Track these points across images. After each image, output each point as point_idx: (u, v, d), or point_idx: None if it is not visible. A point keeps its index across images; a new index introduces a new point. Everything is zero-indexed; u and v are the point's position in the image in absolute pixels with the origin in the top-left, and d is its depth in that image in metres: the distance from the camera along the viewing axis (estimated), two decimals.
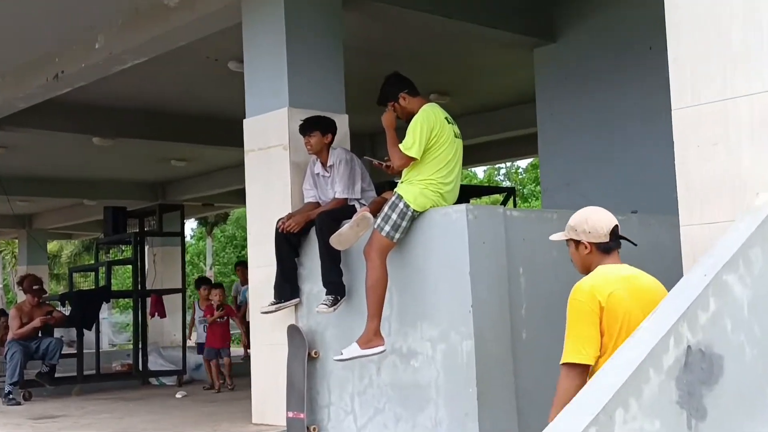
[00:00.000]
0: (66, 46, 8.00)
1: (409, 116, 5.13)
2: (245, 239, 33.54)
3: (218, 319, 9.46)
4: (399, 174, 5.19)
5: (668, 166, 3.80)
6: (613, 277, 3.23)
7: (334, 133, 5.80)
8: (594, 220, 3.35)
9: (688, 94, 3.57)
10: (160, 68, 8.89)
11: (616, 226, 3.38)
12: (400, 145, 4.92)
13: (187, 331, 11.04)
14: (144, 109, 10.88)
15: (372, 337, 4.87)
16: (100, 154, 12.63)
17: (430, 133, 4.92)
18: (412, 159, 4.89)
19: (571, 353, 3.05)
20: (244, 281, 11.45)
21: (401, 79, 5.24)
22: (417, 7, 6.93)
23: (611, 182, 7.52)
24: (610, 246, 3.35)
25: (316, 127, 5.71)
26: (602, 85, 7.69)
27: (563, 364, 3.06)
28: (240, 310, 11.02)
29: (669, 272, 3.49)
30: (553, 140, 8.06)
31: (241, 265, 12.16)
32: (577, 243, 3.37)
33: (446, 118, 5.09)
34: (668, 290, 3.15)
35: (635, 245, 3.50)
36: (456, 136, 5.10)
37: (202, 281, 10.88)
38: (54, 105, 9.60)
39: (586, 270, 3.38)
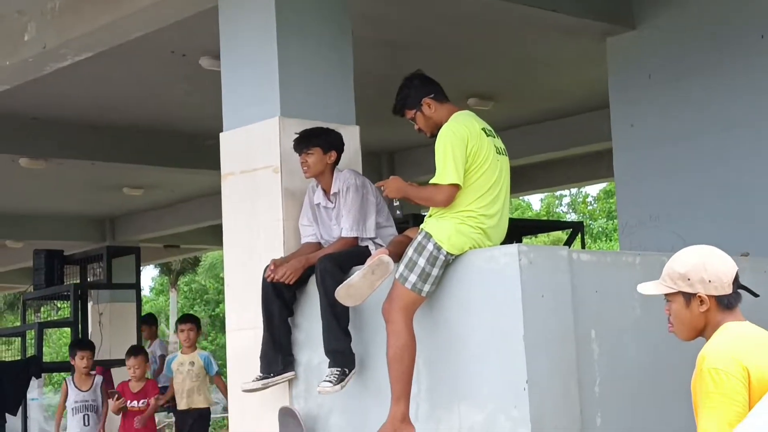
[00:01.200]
0: None
1: (434, 129, 5.16)
2: (221, 293, 33.64)
3: (137, 404, 9.04)
4: (425, 205, 5.22)
5: None
6: (752, 340, 3.23)
7: (339, 151, 5.83)
8: (716, 266, 3.34)
9: None
10: (109, 67, 9.00)
11: (737, 272, 3.38)
12: (433, 179, 4.95)
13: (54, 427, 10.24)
14: (88, 122, 11.00)
15: (399, 425, 4.85)
16: (28, 179, 12.75)
17: (465, 149, 4.95)
18: (457, 187, 4.92)
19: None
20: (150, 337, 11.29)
21: (425, 80, 5.28)
22: None
23: (713, 215, 7.50)
24: (734, 300, 3.35)
25: (316, 142, 5.76)
26: (697, 85, 7.70)
27: None
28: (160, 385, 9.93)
29: None
30: (634, 159, 8.06)
31: (147, 323, 11.65)
32: (689, 297, 3.35)
33: (484, 129, 5.11)
34: None
35: (757, 296, 3.49)
36: (499, 152, 5.13)
37: (78, 345, 9.99)
38: None
39: (695, 334, 3.37)
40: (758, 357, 3.14)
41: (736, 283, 3.36)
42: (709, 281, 3.32)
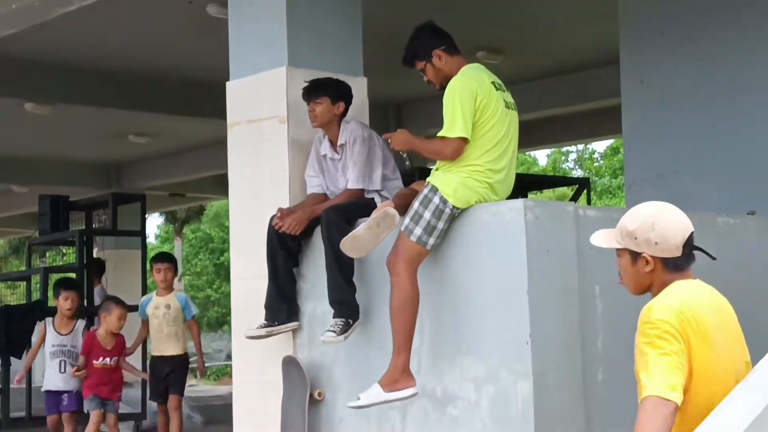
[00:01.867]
0: None
1: (444, 81, 5.15)
2: (226, 242, 33.73)
3: (109, 361, 8.48)
4: (432, 159, 5.21)
5: None
6: (698, 296, 3.23)
7: (348, 102, 5.83)
8: (663, 227, 3.27)
9: None
10: (115, 13, 8.95)
11: (692, 233, 3.32)
12: (441, 132, 4.94)
13: (22, 370, 9.48)
14: (94, 67, 10.96)
15: (399, 376, 4.89)
16: (34, 125, 12.74)
17: (474, 102, 4.94)
18: (464, 140, 4.91)
19: (659, 386, 3.00)
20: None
21: (437, 31, 5.26)
22: None
23: (720, 174, 7.48)
24: (683, 263, 3.29)
25: (325, 92, 5.75)
26: (713, 42, 7.63)
27: (647, 398, 3.03)
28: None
29: None
30: (643, 116, 8.02)
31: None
32: (636, 256, 3.30)
33: (494, 82, 5.10)
34: None
35: (714, 259, 3.45)
36: (508, 107, 5.12)
37: (64, 284, 9.23)
38: None
39: (641, 290, 3.35)
40: (703, 313, 3.14)
41: (689, 245, 3.29)
42: (656, 243, 3.25)
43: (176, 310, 8.36)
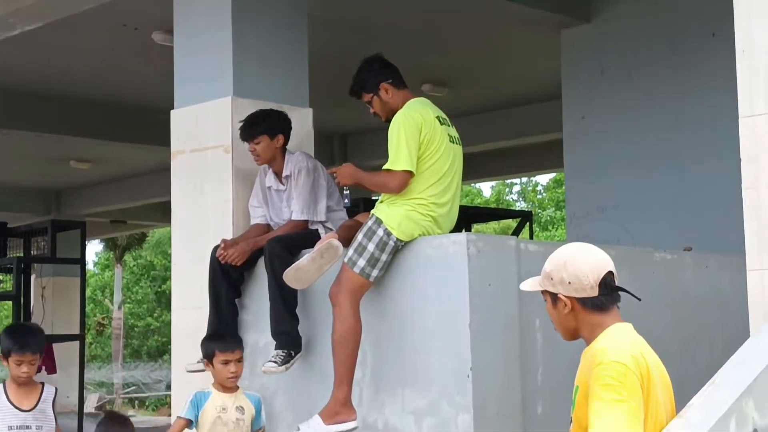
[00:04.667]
0: None
1: (390, 114, 5.19)
2: (167, 269, 33.39)
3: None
4: (376, 190, 5.24)
5: (734, 191, 3.87)
6: (642, 343, 3.13)
7: (286, 134, 5.81)
8: (575, 266, 3.19)
9: (762, 99, 3.65)
10: (59, 38, 8.91)
11: (610, 273, 3.22)
12: (386, 165, 4.97)
13: None
14: (36, 92, 10.88)
15: (340, 408, 4.88)
16: None
17: (418, 136, 4.98)
18: (409, 173, 4.95)
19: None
20: None
21: (385, 65, 5.30)
22: None
23: (658, 209, 7.60)
24: (602, 303, 3.18)
25: (261, 130, 5.73)
26: (649, 80, 7.79)
27: None
28: None
29: (728, 328, 3.55)
30: (583, 150, 8.14)
31: None
32: (555, 297, 3.24)
33: (438, 117, 5.15)
34: (731, 353, 3.19)
35: (639, 300, 3.38)
36: (452, 141, 5.17)
37: (14, 341, 4.93)
38: None
39: (571, 335, 3.26)
40: (650, 360, 3.05)
41: (607, 285, 3.19)
42: (569, 282, 3.18)
43: (250, 416, 5.38)
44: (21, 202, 16.34)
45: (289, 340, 5.34)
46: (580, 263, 3.18)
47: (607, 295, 3.17)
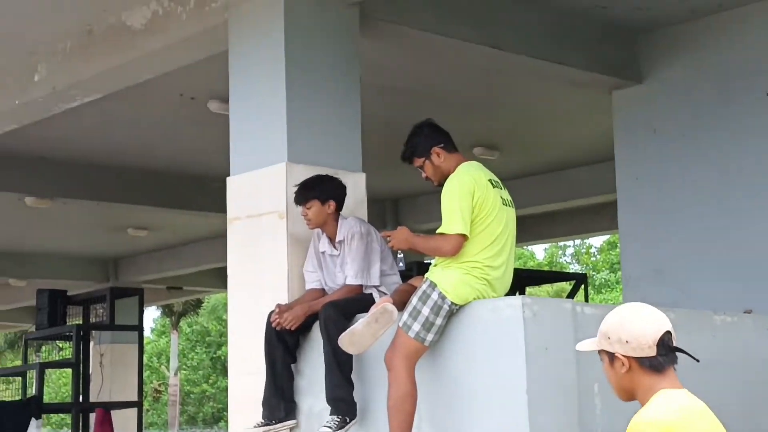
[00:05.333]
0: None
1: (442, 178, 5.19)
2: (223, 335, 33.53)
3: None
4: (430, 254, 5.22)
5: None
6: (687, 411, 3.05)
7: (338, 199, 5.82)
8: (634, 326, 3.17)
9: None
10: (117, 109, 9.06)
11: (668, 333, 3.19)
12: (440, 229, 4.96)
13: None
14: (95, 162, 11.05)
15: None
16: (34, 218, 12.78)
17: (471, 200, 4.97)
18: (463, 237, 4.93)
19: None
20: None
21: (436, 129, 5.31)
22: (456, 34, 7.06)
23: (717, 270, 7.49)
24: (660, 363, 3.15)
25: (313, 195, 5.76)
26: (702, 139, 7.73)
27: None
28: None
29: None
30: (639, 211, 8.07)
31: None
32: (612, 357, 3.21)
33: (491, 180, 5.14)
34: None
35: (697, 361, 3.32)
36: (505, 204, 5.15)
37: None
38: None
39: (628, 396, 3.22)
40: (702, 422, 3.00)
41: (664, 345, 3.17)
42: (626, 341, 3.15)
43: None
44: (80, 270, 16.54)
45: (344, 406, 5.30)
46: (638, 322, 3.17)
47: (665, 355, 3.14)
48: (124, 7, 7.04)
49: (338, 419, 5.26)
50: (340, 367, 5.31)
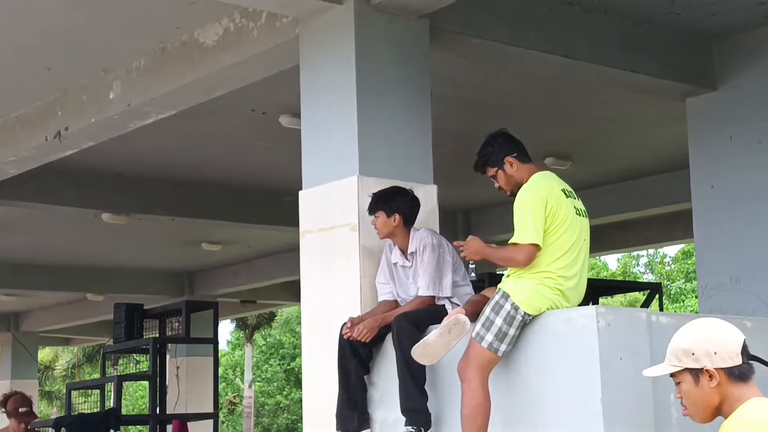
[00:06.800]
0: (71, 96, 8.36)
1: (515, 188, 5.18)
2: (296, 347, 33.71)
3: None
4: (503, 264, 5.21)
5: None
6: None
7: (405, 214, 5.82)
8: (720, 337, 3.16)
9: None
10: (191, 125, 9.19)
11: (745, 341, 3.19)
12: (512, 239, 4.96)
13: None
14: (169, 178, 11.21)
15: None
16: (110, 234, 13.01)
17: (544, 209, 4.96)
18: (536, 247, 4.92)
19: None
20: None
21: (509, 139, 5.31)
22: (527, 44, 7.04)
23: None
24: (747, 371, 3.14)
25: (379, 207, 5.80)
26: None
27: None
28: None
29: None
30: (714, 220, 7.97)
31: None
32: (697, 374, 3.17)
33: (564, 190, 5.12)
34: None
35: None
36: (579, 214, 5.12)
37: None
38: (53, 171, 9.98)
39: (712, 413, 3.16)
40: None
41: (746, 354, 3.16)
42: (715, 353, 3.13)
43: None
44: (156, 285, 16.78)
45: (418, 416, 5.31)
46: (721, 333, 3.17)
47: (748, 363, 3.15)
48: (196, 24, 7.15)
49: (413, 430, 5.29)
50: (413, 378, 5.32)
